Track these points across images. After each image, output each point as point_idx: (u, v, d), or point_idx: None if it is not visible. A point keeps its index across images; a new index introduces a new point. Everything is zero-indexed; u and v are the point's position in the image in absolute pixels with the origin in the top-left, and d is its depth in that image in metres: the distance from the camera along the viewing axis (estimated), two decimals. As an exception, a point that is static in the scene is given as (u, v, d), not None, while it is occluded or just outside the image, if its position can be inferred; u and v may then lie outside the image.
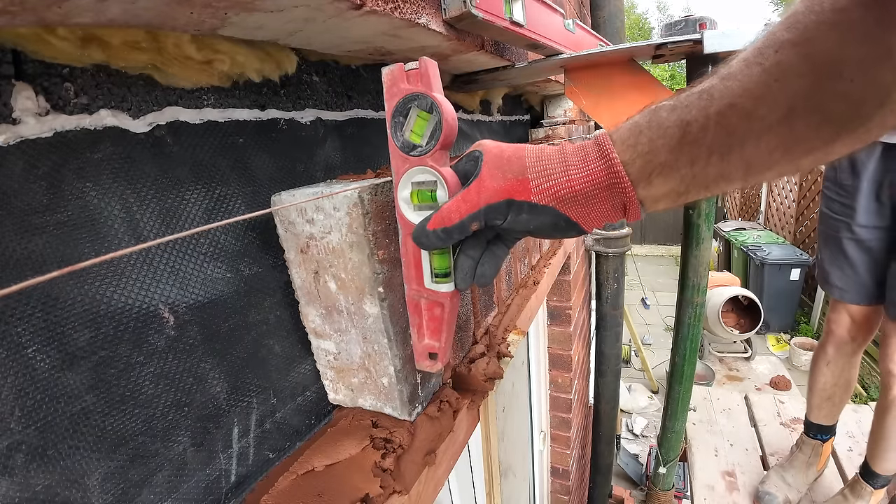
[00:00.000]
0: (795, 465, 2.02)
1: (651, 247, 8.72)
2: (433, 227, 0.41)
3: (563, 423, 2.07)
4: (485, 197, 0.39)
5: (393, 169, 0.44)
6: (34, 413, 0.33)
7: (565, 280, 1.80)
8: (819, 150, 0.32)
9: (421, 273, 0.46)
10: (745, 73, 0.31)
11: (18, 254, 0.32)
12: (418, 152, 0.42)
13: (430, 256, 0.45)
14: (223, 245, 0.48)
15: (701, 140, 0.33)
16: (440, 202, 0.43)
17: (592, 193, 0.37)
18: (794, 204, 5.40)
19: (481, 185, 0.40)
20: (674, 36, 0.82)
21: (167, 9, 0.35)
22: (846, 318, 1.69)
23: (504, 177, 0.39)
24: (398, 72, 0.42)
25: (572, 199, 0.38)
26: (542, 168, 0.39)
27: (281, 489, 0.49)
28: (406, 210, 0.44)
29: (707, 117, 0.32)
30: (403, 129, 0.42)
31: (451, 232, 0.41)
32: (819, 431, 1.93)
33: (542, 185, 0.38)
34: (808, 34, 0.29)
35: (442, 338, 0.49)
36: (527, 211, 0.39)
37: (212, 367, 0.47)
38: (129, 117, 0.40)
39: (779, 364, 4.39)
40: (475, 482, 1.00)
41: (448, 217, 0.40)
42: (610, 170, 0.36)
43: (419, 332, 0.50)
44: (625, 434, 3.65)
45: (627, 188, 0.36)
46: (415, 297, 0.48)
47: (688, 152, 0.34)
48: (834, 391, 1.81)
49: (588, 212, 0.39)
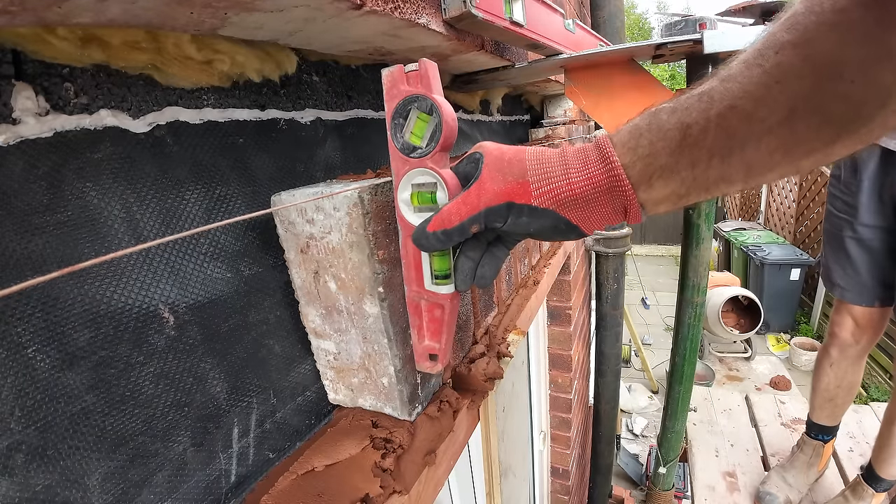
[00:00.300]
0: (796, 466, 2.01)
1: (651, 247, 8.72)
2: (433, 229, 0.41)
3: (563, 423, 2.06)
4: (485, 199, 0.39)
5: (393, 170, 0.44)
6: (34, 413, 0.33)
7: (565, 280, 1.80)
8: (820, 152, 0.32)
9: (421, 274, 0.46)
10: (746, 74, 0.31)
11: (18, 254, 0.32)
12: (418, 154, 0.42)
13: (431, 258, 0.45)
14: (223, 245, 0.48)
15: (701, 143, 0.33)
16: (440, 204, 0.43)
17: (593, 197, 0.37)
18: (794, 204, 5.40)
19: (481, 187, 0.40)
20: (674, 36, 0.82)
21: (167, 9, 0.35)
22: (849, 321, 1.69)
23: (504, 179, 0.39)
24: (398, 73, 0.41)
25: (572, 202, 0.38)
26: (543, 171, 0.39)
27: (281, 489, 0.49)
28: (406, 212, 0.44)
29: (707, 120, 0.32)
30: (403, 130, 0.42)
31: (451, 234, 0.40)
32: (821, 432, 1.93)
33: (542, 188, 0.38)
34: (808, 35, 0.29)
35: (442, 339, 0.49)
36: (527, 214, 0.39)
37: (212, 367, 0.47)
38: (129, 117, 0.40)
39: (779, 364, 4.39)
40: (475, 482, 1.00)
41: (448, 219, 0.40)
42: (610, 173, 0.36)
43: (419, 333, 0.50)
44: (625, 434, 3.65)
45: (628, 191, 0.36)
46: (415, 299, 0.48)
47: (688, 155, 0.34)
48: (836, 393, 1.80)
49: (588, 215, 0.39)
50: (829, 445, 1.96)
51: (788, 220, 5.57)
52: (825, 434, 1.92)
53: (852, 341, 1.70)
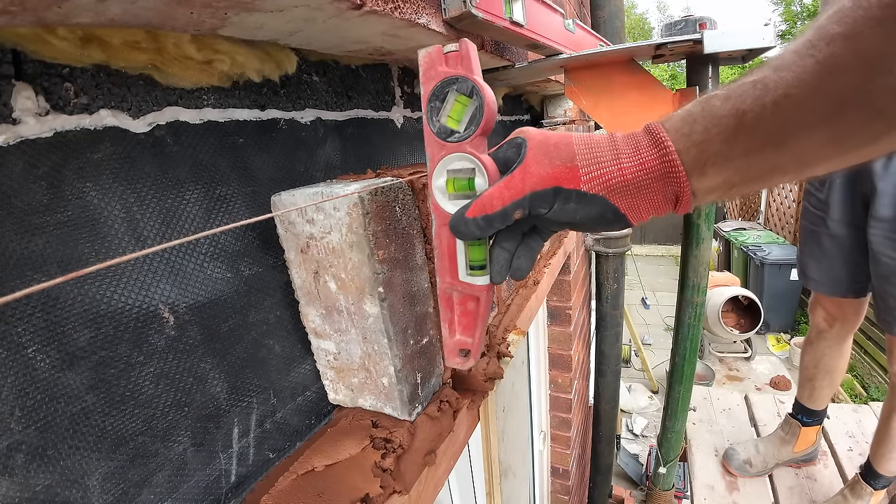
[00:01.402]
0: (771, 438, 2.12)
1: (651, 247, 8.72)
2: (473, 215, 0.38)
3: (563, 423, 2.07)
4: (530, 183, 0.37)
5: (428, 156, 0.42)
6: (34, 413, 0.33)
7: (565, 280, 1.80)
8: (869, 146, 0.32)
9: (455, 265, 0.44)
10: (799, 64, 0.31)
11: (18, 254, 0.32)
12: (456, 138, 0.40)
13: (467, 248, 0.43)
14: (223, 245, 0.48)
15: (756, 130, 0.33)
16: (479, 191, 0.40)
17: (645, 183, 0.36)
18: (794, 204, 5.41)
19: (526, 171, 0.38)
20: (674, 36, 0.82)
21: (167, 9, 0.35)
22: (819, 308, 1.78)
23: (551, 163, 0.37)
24: (436, 54, 0.40)
25: (623, 188, 0.36)
26: (592, 155, 0.37)
27: (281, 489, 0.49)
28: (441, 199, 0.42)
29: (762, 107, 0.32)
30: (440, 114, 0.40)
31: (493, 220, 0.38)
32: (800, 412, 1.98)
33: (592, 172, 0.36)
34: (857, 28, 0.29)
35: (476, 333, 0.46)
36: (575, 200, 0.37)
37: (212, 367, 0.47)
38: (129, 117, 0.40)
39: (779, 364, 4.39)
40: (475, 482, 1.00)
41: (489, 204, 0.38)
42: (664, 158, 0.35)
43: (451, 327, 0.47)
44: (625, 434, 3.65)
45: (682, 178, 0.35)
46: (447, 291, 0.46)
47: (742, 142, 0.33)
48: (815, 373, 1.87)
49: (639, 202, 0.37)
50: (807, 430, 1.99)
51: (788, 220, 5.57)
52: (805, 416, 1.97)
53: (826, 326, 1.78)
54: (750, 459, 2.11)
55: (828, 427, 2.28)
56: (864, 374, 4.21)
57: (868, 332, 4.20)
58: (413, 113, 0.82)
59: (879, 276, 1.46)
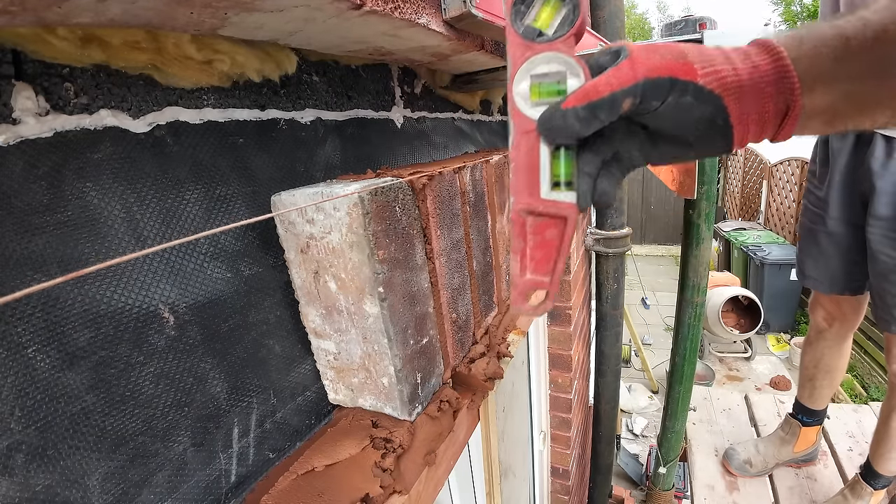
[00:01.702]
0: (772, 438, 2.12)
1: (651, 247, 8.72)
2: (573, 104, 0.33)
3: (563, 423, 2.06)
4: (642, 71, 0.33)
5: (510, 59, 0.37)
6: (34, 413, 0.33)
7: (565, 280, 1.80)
8: None
9: (536, 179, 0.37)
10: (892, 6, 0.33)
11: (18, 254, 0.32)
12: (545, 39, 0.35)
13: (552, 159, 0.37)
14: (223, 245, 0.48)
15: (860, 56, 0.33)
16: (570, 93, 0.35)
17: (760, 87, 0.34)
18: (794, 204, 5.40)
19: (634, 61, 0.34)
20: (674, 36, 0.82)
21: (167, 9, 0.35)
22: (818, 307, 1.78)
23: (663, 57, 0.34)
24: None
25: (738, 89, 0.34)
26: (705, 56, 0.35)
27: (281, 489, 0.49)
28: (522, 105, 0.37)
29: (865, 37, 0.33)
30: (524, 18, 0.36)
31: (598, 108, 0.33)
32: (800, 412, 1.98)
33: (707, 68, 0.34)
34: None
35: (556, 269, 0.39)
36: (692, 94, 0.34)
37: (212, 367, 0.47)
38: (129, 117, 0.40)
39: (779, 364, 4.39)
40: (475, 482, 1.00)
41: (595, 90, 0.33)
42: (778, 63, 0.34)
43: (522, 262, 0.40)
44: (625, 434, 3.65)
45: (795, 85, 0.34)
46: (522, 215, 0.39)
47: (848, 66, 0.34)
48: (814, 373, 1.87)
49: (750, 110, 0.35)
50: (807, 430, 1.99)
51: (788, 220, 5.57)
52: (805, 416, 1.96)
53: (825, 325, 1.78)
54: (750, 459, 2.11)
55: (828, 427, 2.28)
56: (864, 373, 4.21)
57: (868, 331, 4.21)
58: (413, 113, 0.82)
59: (877, 275, 1.46)
